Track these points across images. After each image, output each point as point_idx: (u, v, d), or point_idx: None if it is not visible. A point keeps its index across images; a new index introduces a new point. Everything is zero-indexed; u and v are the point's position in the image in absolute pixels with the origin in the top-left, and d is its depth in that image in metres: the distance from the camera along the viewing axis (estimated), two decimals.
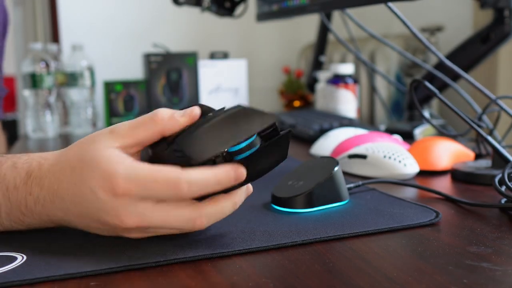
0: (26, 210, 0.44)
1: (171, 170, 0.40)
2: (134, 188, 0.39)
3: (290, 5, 1.06)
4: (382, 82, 1.42)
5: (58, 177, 0.43)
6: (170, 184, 0.39)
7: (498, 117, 0.77)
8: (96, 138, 0.43)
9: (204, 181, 0.40)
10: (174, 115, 0.43)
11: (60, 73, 1.28)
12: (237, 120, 0.42)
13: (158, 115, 0.43)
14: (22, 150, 1.08)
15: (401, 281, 0.37)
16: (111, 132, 0.43)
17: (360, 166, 0.71)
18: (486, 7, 0.93)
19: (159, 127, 0.43)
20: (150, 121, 0.43)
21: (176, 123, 0.43)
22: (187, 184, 0.40)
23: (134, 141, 0.43)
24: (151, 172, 0.40)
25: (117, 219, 0.40)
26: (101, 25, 1.71)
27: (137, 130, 0.43)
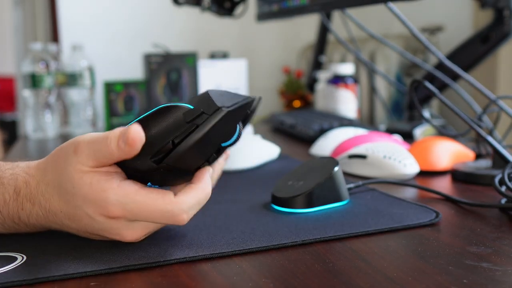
0: (20, 222, 0.44)
1: (166, 202, 0.40)
2: (130, 216, 0.40)
3: (290, 5, 1.06)
4: (382, 82, 1.42)
5: (47, 198, 0.42)
6: (167, 217, 0.40)
7: (498, 117, 0.77)
8: (65, 160, 0.41)
9: (197, 202, 0.42)
10: (119, 144, 0.39)
11: (60, 73, 1.28)
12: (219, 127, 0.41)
13: (109, 146, 0.40)
14: (22, 150, 1.08)
15: (401, 281, 0.37)
16: (75, 153, 0.41)
17: (360, 166, 0.71)
18: (486, 7, 0.93)
19: (114, 159, 0.40)
20: (106, 149, 0.40)
21: (124, 152, 0.40)
22: (186, 214, 0.41)
23: (99, 164, 0.40)
24: (146, 203, 0.40)
25: (118, 236, 0.42)
26: (101, 25, 1.71)
27: (98, 154, 0.40)
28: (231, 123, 0.42)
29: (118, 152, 0.40)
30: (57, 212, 0.42)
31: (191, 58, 1.28)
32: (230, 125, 0.42)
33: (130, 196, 0.40)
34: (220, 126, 0.40)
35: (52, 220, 0.43)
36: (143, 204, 0.40)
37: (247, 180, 0.70)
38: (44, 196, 0.42)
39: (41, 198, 0.42)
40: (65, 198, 0.41)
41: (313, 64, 1.41)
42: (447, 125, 1.06)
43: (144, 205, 0.40)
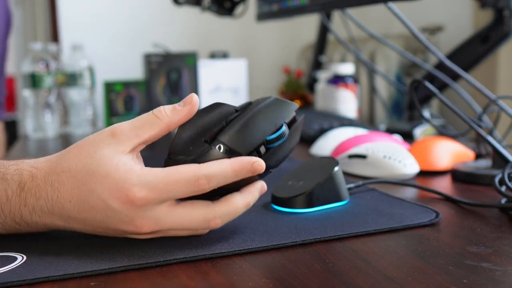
0: (22, 220, 0.43)
1: (188, 168, 0.41)
2: (153, 195, 0.40)
3: (290, 5, 1.06)
4: (382, 82, 1.42)
5: (56, 188, 0.41)
6: (190, 182, 0.40)
7: (498, 117, 0.77)
8: (97, 144, 0.42)
9: (222, 173, 0.41)
10: (175, 107, 0.43)
11: (60, 73, 1.28)
12: (269, 110, 0.45)
13: (161, 111, 0.43)
14: (22, 150, 1.08)
15: (401, 281, 0.37)
16: (113, 136, 0.42)
17: (360, 166, 0.71)
18: (486, 7, 0.93)
19: (165, 123, 0.43)
20: (154, 119, 0.43)
21: (181, 113, 0.43)
22: (206, 179, 0.40)
23: (139, 142, 0.42)
24: (168, 175, 0.40)
25: (132, 226, 0.41)
26: (101, 25, 1.71)
27: (141, 130, 0.42)
28: (275, 114, 0.45)
29: (172, 115, 0.43)
30: (65, 202, 0.41)
31: (191, 58, 1.28)
32: (274, 116, 0.45)
33: (153, 173, 0.40)
34: (266, 111, 0.45)
35: (57, 213, 0.42)
36: (167, 176, 0.40)
37: None
38: (53, 185, 0.41)
39: (48, 189, 0.41)
40: (81, 181, 0.40)
41: (313, 64, 1.41)
42: (447, 125, 1.06)
43: (167, 177, 0.40)
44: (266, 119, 0.45)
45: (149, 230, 0.41)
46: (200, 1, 1.24)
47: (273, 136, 0.45)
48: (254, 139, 0.44)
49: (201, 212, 0.42)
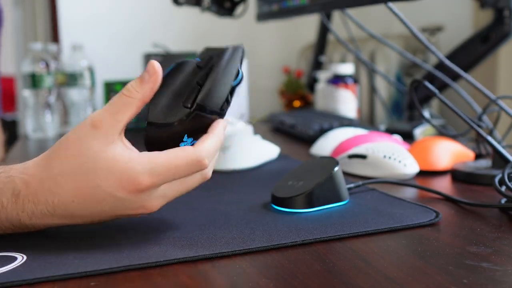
0: (20, 224, 0.43)
1: (188, 152, 0.43)
2: (158, 180, 0.41)
3: (290, 5, 1.06)
4: (382, 82, 1.42)
5: (55, 192, 0.41)
6: (193, 165, 0.43)
7: (498, 117, 0.77)
8: (84, 141, 0.41)
9: (214, 148, 0.45)
10: (143, 79, 0.43)
11: (60, 73, 1.28)
12: (231, 62, 0.49)
13: (131, 89, 0.43)
14: (22, 150, 1.08)
15: (401, 281, 0.37)
16: (95, 128, 0.41)
17: (360, 166, 0.71)
18: (486, 7, 0.93)
19: (139, 99, 0.43)
20: (127, 99, 0.43)
21: (150, 85, 0.43)
22: (207, 159, 0.44)
23: (122, 126, 0.43)
24: (170, 160, 0.42)
25: (142, 209, 0.43)
26: (101, 25, 1.71)
27: (120, 115, 0.42)
28: (236, 62, 0.49)
29: (142, 89, 0.43)
30: (67, 203, 0.41)
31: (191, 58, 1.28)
32: (235, 63, 0.49)
33: (153, 160, 0.41)
34: (229, 62, 0.48)
35: (59, 214, 0.42)
36: (168, 162, 0.42)
37: (247, 180, 0.70)
38: (51, 190, 0.41)
39: (47, 194, 0.41)
40: (83, 181, 0.41)
41: (313, 64, 1.41)
42: (447, 125, 1.06)
43: (168, 162, 0.42)
44: (231, 72, 0.48)
45: (158, 207, 0.44)
46: (200, 1, 1.24)
47: (236, 82, 0.49)
48: (225, 92, 0.47)
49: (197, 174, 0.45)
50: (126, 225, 0.48)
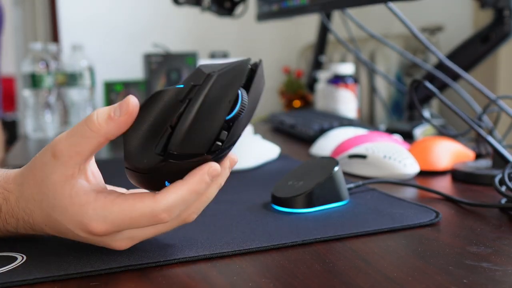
0: (10, 232, 0.43)
1: (144, 204, 0.38)
2: (112, 228, 0.39)
3: (290, 5, 1.06)
4: (382, 82, 1.42)
5: (29, 214, 0.41)
6: (148, 218, 0.38)
7: (498, 117, 0.77)
8: (45, 170, 0.39)
9: (181, 201, 0.39)
10: (110, 116, 0.38)
11: (60, 73, 1.28)
12: (218, 90, 0.38)
13: (94, 123, 0.38)
14: (22, 150, 1.08)
15: (401, 281, 0.37)
16: (55, 157, 0.38)
17: (360, 166, 0.71)
18: (486, 7, 0.93)
19: (101, 136, 0.38)
20: (89, 132, 0.38)
21: (118, 124, 0.38)
22: (166, 213, 0.38)
23: (82, 159, 0.39)
24: (124, 210, 0.38)
25: (110, 246, 0.41)
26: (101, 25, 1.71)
27: (80, 147, 0.38)
28: (228, 89, 0.39)
29: (107, 126, 0.38)
30: (42, 226, 0.41)
31: (191, 58, 1.28)
32: (227, 92, 0.38)
33: (109, 207, 0.38)
34: (215, 94, 0.38)
35: (40, 231, 0.42)
36: (122, 211, 0.38)
37: (247, 180, 0.70)
38: (25, 211, 0.41)
39: (23, 214, 0.41)
40: (46, 211, 0.40)
41: (313, 64, 1.41)
42: (447, 125, 1.06)
43: (123, 212, 0.38)
44: (218, 105, 0.38)
45: (128, 246, 0.42)
46: (200, 1, 1.24)
47: (232, 115, 0.39)
48: (210, 131, 0.38)
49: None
50: None
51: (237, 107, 0.39)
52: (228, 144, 0.40)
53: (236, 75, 0.39)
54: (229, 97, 0.39)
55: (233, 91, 0.39)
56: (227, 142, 0.40)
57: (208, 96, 0.38)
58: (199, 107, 0.37)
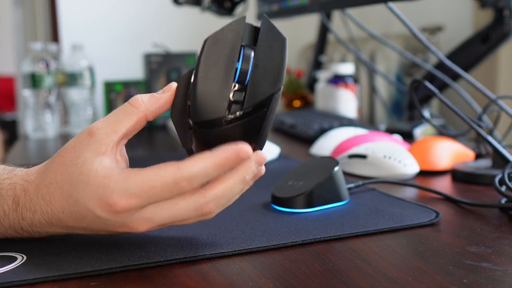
0: (23, 231, 0.43)
1: (166, 172, 0.37)
2: (133, 202, 0.38)
3: (290, 5, 1.06)
4: (382, 82, 1.42)
5: (48, 201, 0.40)
6: (169, 187, 0.37)
7: (498, 117, 0.77)
8: (78, 149, 0.40)
9: (203, 171, 0.38)
10: (153, 95, 0.41)
11: (60, 73, 1.28)
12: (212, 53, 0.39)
13: (137, 100, 0.40)
14: (22, 150, 1.08)
15: (401, 281, 0.37)
16: (91, 135, 0.39)
17: (360, 166, 0.71)
18: (486, 7, 0.93)
19: (142, 111, 0.40)
20: (130, 108, 0.40)
21: (159, 101, 0.40)
22: (187, 181, 0.37)
23: (118, 137, 0.40)
24: (145, 179, 0.37)
25: (126, 228, 0.40)
26: (101, 25, 1.71)
27: (118, 124, 0.40)
28: (225, 48, 0.39)
29: (149, 102, 0.40)
30: (59, 214, 0.40)
31: (191, 58, 1.28)
32: (224, 51, 0.39)
33: (130, 178, 0.37)
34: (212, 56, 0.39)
35: (56, 224, 0.41)
36: (144, 181, 0.37)
37: None
38: (44, 199, 0.40)
39: (41, 203, 0.40)
40: (68, 192, 0.39)
41: (313, 64, 1.41)
42: (447, 125, 1.06)
43: (145, 181, 0.37)
44: (218, 64, 0.38)
45: (146, 229, 0.40)
46: (200, 1, 1.24)
47: (238, 74, 0.39)
48: (220, 93, 0.38)
49: (191, 201, 0.39)
50: None
51: (239, 64, 0.39)
52: (249, 105, 0.38)
53: (230, 33, 0.39)
54: (230, 56, 0.38)
55: (233, 49, 0.39)
56: (248, 103, 0.38)
57: (206, 60, 0.38)
58: (199, 72, 0.38)
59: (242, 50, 0.39)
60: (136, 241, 0.44)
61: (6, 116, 3.22)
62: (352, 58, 1.50)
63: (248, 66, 0.39)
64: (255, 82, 0.39)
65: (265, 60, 0.39)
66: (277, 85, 0.39)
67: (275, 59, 0.40)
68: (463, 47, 0.98)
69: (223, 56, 0.39)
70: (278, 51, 0.40)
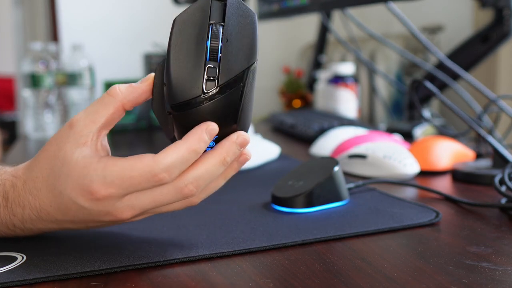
0: (15, 228, 0.43)
1: (144, 163, 0.37)
2: (114, 190, 0.38)
3: (290, 5, 1.06)
4: (382, 82, 1.42)
5: (36, 195, 0.40)
6: (147, 178, 0.38)
7: (498, 117, 0.77)
8: (59, 142, 0.40)
9: (181, 159, 0.38)
10: (131, 84, 0.41)
11: (60, 73, 1.28)
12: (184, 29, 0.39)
13: (115, 89, 0.40)
14: (22, 150, 1.08)
15: (401, 281, 0.37)
16: (71, 127, 0.40)
17: (360, 166, 0.71)
18: (486, 6, 0.93)
19: (119, 101, 0.40)
20: (108, 98, 0.40)
21: (136, 90, 0.41)
22: (165, 172, 0.37)
23: (97, 128, 0.40)
24: (123, 169, 0.38)
25: (110, 216, 0.40)
26: (101, 25, 1.71)
27: (97, 115, 0.40)
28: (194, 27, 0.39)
29: (126, 92, 0.40)
30: (47, 208, 0.40)
31: None
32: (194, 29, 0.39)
33: (109, 167, 0.38)
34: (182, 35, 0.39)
35: (46, 219, 0.41)
36: (122, 171, 0.38)
37: (247, 180, 0.70)
38: (32, 193, 0.41)
39: (29, 197, 0.41)
40: (52, 185, 0.39)
41: (313, 63, 1.41)
42: (447, 125, 1.06)
43: (123, 171, 0.37)
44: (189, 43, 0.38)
45: (130, 215, 0.40)
46: None
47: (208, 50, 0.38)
48: (192, 73, 0.38)
49: (171, 186, 0.39)
50: (125, 225, 0.48)
51: (208, 42, 0.38)
52: (223, 81, 0.38)
53: (197, 12, 0.39)
54: (199, 35, 0.38)
55: (201, 28, 0.38)
56: (222, 79, 0.38)
57: (175, 42, 0.38)
58: (170, 55, 0.38)
59: (211, 28, 0.39)
60: (136, 241, 0.44)
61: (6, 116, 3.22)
62: (352, 58, 1.50)
63: (217, 43, 0.38)
64: (228, 58, 0.38)
65: (235, 36, 0.39)
66: (251, 60, 0.39)
67: (245, 34, 0.40)
68: (463, 47, 0.98)
69: (192, 35, 0.39)
70: (248, 26, 0.40)
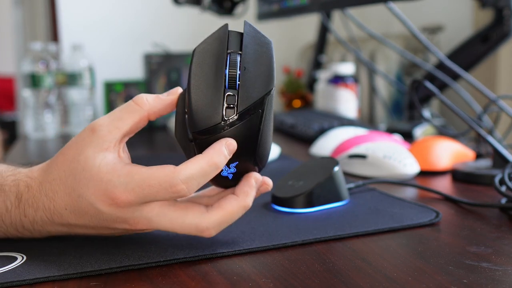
0: (24, 230, 0.43)
1: (164, 173, 0.38)
2: (133, 197, 0.38)
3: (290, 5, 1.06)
4: (382, 82, 1.42)
5: (51, 197, 0.40)
6: (166, 188, 0.38)
7: (498, 117, 0.77)
8: (80, 145, 0.40)
9: (200, 172, 0.39)
10: (159, 96, 0.42)
11: (60, 73, 1.28)
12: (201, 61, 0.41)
13: (141, 98, 0.41)
14: (22, 150, 1.08)
15: (401, 281, 0.37)
16: (93, 132, 0.40)
17: (360, 166, 0.71)
18: (486, 6, 0.93)
19: (146, 110, 0.41)
20: (134, 106, 0.41)
21: (163, 102, 0.42)
22: (184, 184, 0.38)
23: (121, 134, 0.40)
24: (144, 177, 0.38)
25: (126, 224, 0.40)
26: (101, 25, 1.71)
27: (121, 121, 0.40)
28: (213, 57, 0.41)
29: (153, 102, 0.41)
30: (62, 211, 0.40)
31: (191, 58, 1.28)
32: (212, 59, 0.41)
33: (131, 175, 0.38)
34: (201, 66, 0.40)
35: (58, 222, 0.41)
36: (143, 179, 0.38)
37: None
38: (47, 195, 0.41)
39: (44, 199, 0.41)
40: (71, 187, 0.39)
41: (313, 63, 1.41)
42: (447, 125, 1.06)
43: (143, 180, 0.38)
44: (208, 73, 0.40)
45: (143, 228, 0.41)
46: (200, 1, 1.24)
47: (227, 80, 0.40)
48: (213, 101, 0.39)
49: (193, 221, 0.40)
50: None
51: (227, 70, 0.40)
52: (242, 108, 0.39)
53: (215, 42, 0.41)
54: (217, 64, 0.40)
55: (219, 58, 0.40)
56: (241, 106, 0.39)
57: (195, 71, 0.40)
58: (191, 84, 0.39)
59: (229, 57, 0.40)
60: (136, 241, 0.44)
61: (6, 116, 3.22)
62: (352, 58, 1.50)
63: (236, 71, 0.40)
64: (246, 86, 0.40)
65: (252, 64, 0.41)
66: (269, 87, 0.41)
67: (263, 62, 0.41)
68: (463, 47, 0.98)
69: (211, 65, 0.40)
70: (264, 54, 0.41)
